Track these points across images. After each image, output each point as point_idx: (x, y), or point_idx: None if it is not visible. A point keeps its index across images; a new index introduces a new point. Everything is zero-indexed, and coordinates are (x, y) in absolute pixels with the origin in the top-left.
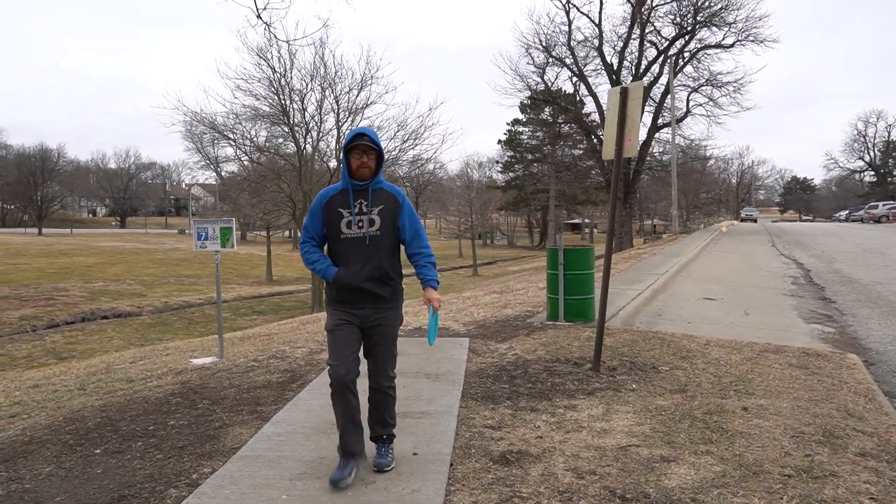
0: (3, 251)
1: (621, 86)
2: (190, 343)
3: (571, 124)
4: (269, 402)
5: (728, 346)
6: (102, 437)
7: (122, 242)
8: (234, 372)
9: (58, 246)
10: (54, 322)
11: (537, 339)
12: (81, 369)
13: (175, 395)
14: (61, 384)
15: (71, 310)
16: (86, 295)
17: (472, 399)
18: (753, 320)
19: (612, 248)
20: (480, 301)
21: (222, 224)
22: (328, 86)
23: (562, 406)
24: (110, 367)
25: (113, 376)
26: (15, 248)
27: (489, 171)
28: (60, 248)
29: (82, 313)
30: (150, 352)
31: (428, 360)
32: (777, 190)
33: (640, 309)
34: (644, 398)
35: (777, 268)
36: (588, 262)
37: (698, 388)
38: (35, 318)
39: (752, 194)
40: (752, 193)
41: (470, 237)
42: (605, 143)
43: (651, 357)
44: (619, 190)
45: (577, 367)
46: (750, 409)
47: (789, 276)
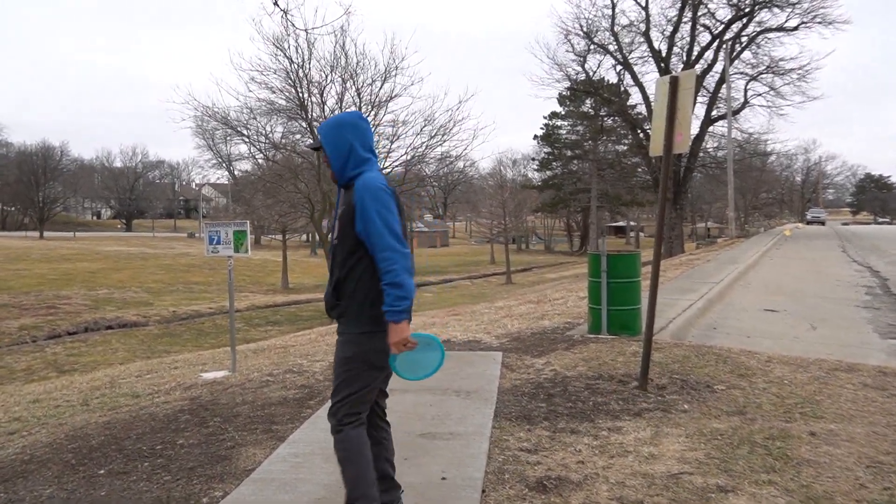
0: (3, 256)
1: (671, 74)
2: (200, 356)
3: (615, 117)
4: (285, 420)
5: (793, 363)
6: (106, 457)
7: (127, 247)
8: (247, 387)
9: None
10: (56, 332)
11: (578, 353)
12: (84, 383)
13: (184, 411)
14: (63, 399)
15: (73, 319)
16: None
17: (505, 419)
18: (822, 335)
19: (660, 254)
20: (515, 311)
21: (235, 227)
22: (349, 77)
23: (605, 428)
24: (115, 381)
25: (118, 391)
26: (15, 252)
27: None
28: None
29: (85, 323)
30: (157, 365)
31: (457, 375)
32: (848, 189)
33: (692, 321)
34: (697, 420)
35: (848, 276)
36: (634, 268)
37: (759, 409)
38: (35, 327)
39: (819, 194)
40: (820, 193)
41: (503, 241)
42: (652, 137)
43: (705, 375)
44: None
45: (621, 384)
46: (818, 434)
47: (863, 286)
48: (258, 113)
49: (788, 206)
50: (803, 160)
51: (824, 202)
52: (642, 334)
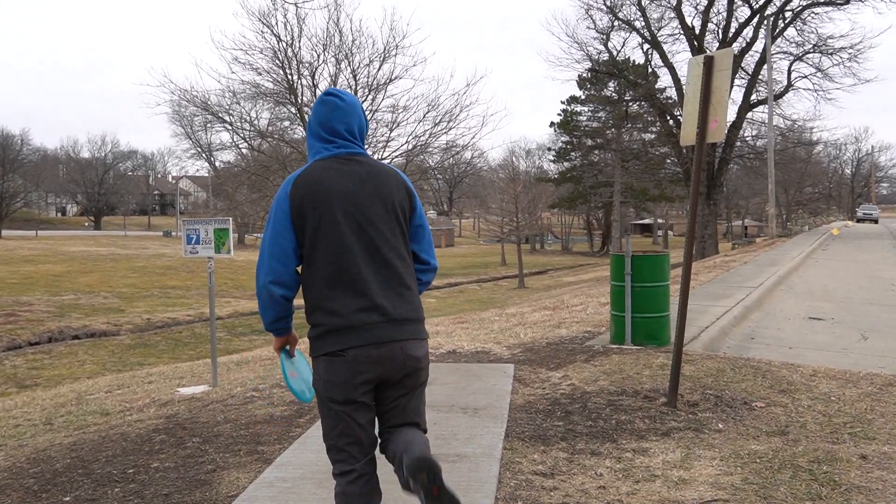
0: None
1: (705, 54)
2: (177, 368)
3: (641, 102)
4: (272, 440)
5: (841, 377)
6: (73, 482)
7: (96, 247)
8: (229, 404)
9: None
10: (16, 343)
11: (598, 366)
12: (48, 400)
13: (159, 431)
14: (24, 418)
15: (35, 328)
16: (53, 310)
17: (518, 439)
18: (874, 346)
19: (692, 255)
20: (528, 319)
21: (217, 225)
22: (344, 57)
23: (629, 449)
24: (82, 398)
25: (85, 408)
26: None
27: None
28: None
29: (49, 332)
30: (129, 379)
31: (464, 390)
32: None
33: (727, 330)
34: (733, 441)
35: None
36: (662, 271)
37: (803, 429)
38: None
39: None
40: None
41: (515, 241)
42: (683, 124)
43: (742, 390)
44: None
45: (648, 401)
46: (870, 457)
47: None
48: (242, 97)
49: (836, 201)
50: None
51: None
52: (671, 345)
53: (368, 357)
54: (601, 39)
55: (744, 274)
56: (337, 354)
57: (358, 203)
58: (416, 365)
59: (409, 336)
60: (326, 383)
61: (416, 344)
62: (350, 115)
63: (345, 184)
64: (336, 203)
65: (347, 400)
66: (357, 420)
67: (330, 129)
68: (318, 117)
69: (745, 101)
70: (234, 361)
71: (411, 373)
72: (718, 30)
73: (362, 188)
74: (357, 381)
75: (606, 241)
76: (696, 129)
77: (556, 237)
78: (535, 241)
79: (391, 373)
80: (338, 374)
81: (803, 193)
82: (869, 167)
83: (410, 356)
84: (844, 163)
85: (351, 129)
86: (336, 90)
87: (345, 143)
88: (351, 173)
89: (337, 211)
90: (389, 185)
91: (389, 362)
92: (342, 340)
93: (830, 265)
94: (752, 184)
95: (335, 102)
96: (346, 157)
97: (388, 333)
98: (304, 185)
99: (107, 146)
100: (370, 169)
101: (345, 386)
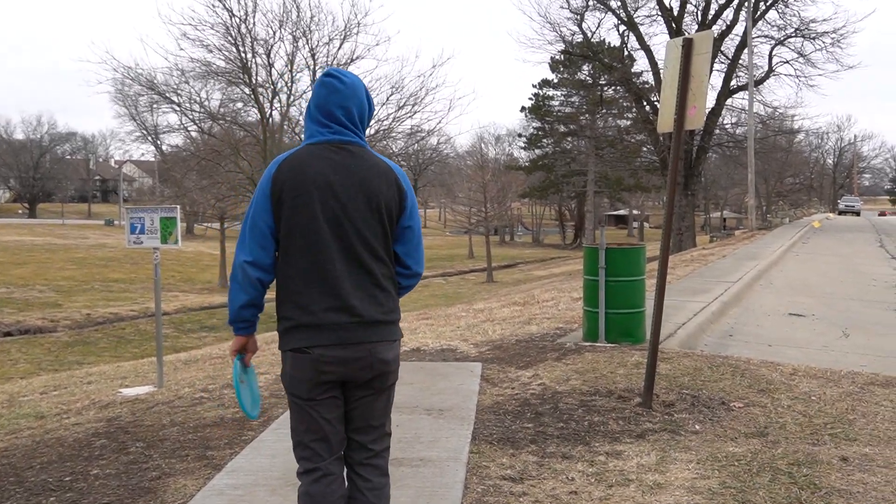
0: None
1: (684, 36)
2: (119, 368)
3: (617, 87)
4: (223, 444)
5: (821, 376)
6: (3, 491)
7: (31, 236)
8: (176, 406)
9: None
10: None
11: (570, 364)
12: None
13: (99, 435)
14: None
15: None
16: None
17: (485, 442)
18: (855, 343)
19: (668, 248)
20: (497, 315)
21: (163, 213)
22: (302, 35)
23: (602, 452)
24: (14, 400)
25: (18, 411)
26: None
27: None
28: None
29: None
30: (66, 379)
31: (428, 390)
32: (888, 174)
33: (704, 327)
34: (711, 443)
35: (887, 275)
36: (637, 265)
37: (782, 430)
38: None
39: (854, 179)
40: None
41: (484, 232)
42: (661, 111)
43: (720, 390)
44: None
45: (622, 401)
46: (851, 459)
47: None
48: (191, 76)
49: (818, 193)
50: (836, 140)
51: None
52: (646, 342)
53: (334, 357)
54: (575, 20)
55: (722, 268)
56: (302, 351)
57: (340, 196)
58: (385, 368)
59: (379, 338)
60: (291, 378)
61: (385, 346)
62: (349, 98)
63: (329, 174)
64: (316, 194)
65: (311, 397)
66: (323, 415)
67: (327, 112)
68: (317, 99)
69: (725, 86)
70: (181, 360)
71: (380, 375)
72: (698, 11)
73: (347, 181)
74: (321, 380)
75: (579, 232)
76: (674, 116)
77: (526, 228)
78: (504, 233)
79: (358, 374)
80: (302, 371)
81: (784, 184)
82: (851, 157)
83: (379, 359)
84: (826, 152)
85: (350, 113)
86: (337, 70)
87: (341, 129)
88: (339, 163)
89: (316, 202)
90: (378, 181)
91: (356, 363)
92: (309, 338)
93: (811, 259)
94: (731, 174)
95: (333, 84)
96: (339, 144)
97: (357, 335)
98: (288, 170)
99: (43, 127)
100: (360, 161)
101: (308, 383)
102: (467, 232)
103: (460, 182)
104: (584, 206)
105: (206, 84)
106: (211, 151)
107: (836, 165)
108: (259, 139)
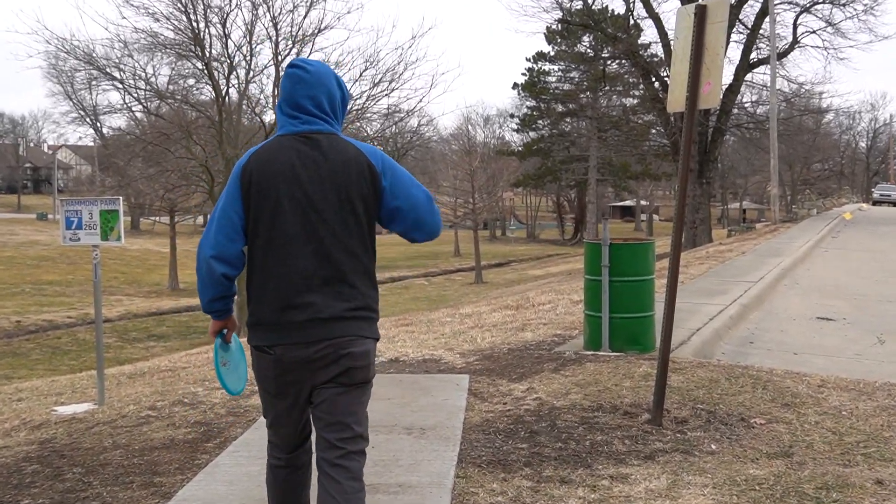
0: None
1: (696, 3)
2: (54, 383)
3: (622, 60)
4: (173, 469)
5: (853, 388)
6: None
7: None
8: (119, 426)
9: None
10: None
11: (570, 376)
12: None
13: (31, 459)
14: None
15: None
16: None
17: (473, 465)
18: (892, 351)
19: (681, 244)
20: (486, 320)
21: (104, 206)
22: (262, 1)
23: (606, 476)
24: None
25: None
26: None
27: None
28: None
29: None
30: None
31: (409, 406)
32: None
33: (722, 333)
34: (728, 465)
35: None
36: (646, 263)
37: (809, 450)
38: None
39: (890, 165)
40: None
41: (471, 227)
42: (671, 88)
43: (739, 404)
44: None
45: (628, 418)
46: (887, 482)
47: None
48: (135, 49)
49: (849, 180)
50: (869, 120)
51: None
52: (656, 351)
53: (296, 357)
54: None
55: (741, 266)
56: (263, 350)
57: (307, 189)
58: (351, 363)
59: (342, 334)
60: (258, 373)
61: (351, 341)
62: (315, 86)
63: (297, 166)
64: (283, 187)
65: (277, 393)
66: (288, 413)
67: (294, 103)
68: (283, 91)
69: (744, 60)
70: (125, 374)
71: (346, 371)
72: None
73: (315, 173)
74: (286, 380)
75: (580, 226)
76: (686, 94)
77: (520, 222)
78: (494, 227)
79: (323, 374)
80: (266, 370)
81: (811, 171)
82: (887, 140)
83: (344, 353)
84: (859, 134)
85: (319, 102)
86: (302, 60)
87: (310, 118)
88: (306, 155)
89: (283, 196)
90: (347, 171)
91: (319, 362)
92: (269, 336)
93: (842, 256)
94: (751, 159)
95: (298, 75)
96: (307, 134)
97: (318, 332)
98: (256, 163)
99: None
100: (329, 151)
101: (274, 381)
102: (453, 226)
103: (444, 169)
104: (586, 197)
105: (152, 58)
106: (159, 135)
107: (870, 149)
108: (214, 120)
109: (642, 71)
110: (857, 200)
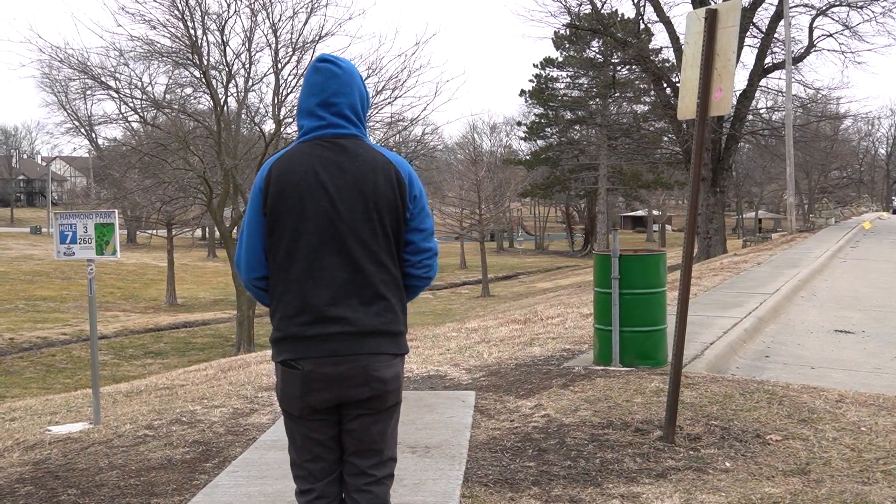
0: None
1: (708, 6)
2: (49, 402)
3: (632, 66)
4: (171, 490)
5: (872, 403)
6: None
7: None
8: (115, 445)
9: None
10: None
11: (579, 392)
12: None
13: (24, 481)
14: None
15: None
16: None
17: (480, 484)
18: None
19: (693, 255)
20: (493, 335)
21: (99, 219)
22: (261, 7)
23: (617, 495)
24: None
25: None
26: None
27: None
28: None
29: None
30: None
31: (413, 423)
32: None
33: (736, 347)
34: (743, 483)
35: None
36: (657, 275)
37: (827, 467)
38: None
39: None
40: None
41: (478, 238)
42: (681, 94)
43: (754, 420)
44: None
45: (640, 435)
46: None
47: None
48: (131, 57)
49: (868, 188)
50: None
51: None
52: (668, 365)
53: (325, 375)
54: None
55: (757, 277)
56: (291, 365)
57: (332, 197)
58: (382, 388)
59: (374, 350)
60: (282, 394)
61: (383, 362)
62: (349, 85)
63: (321, 173)
64: (308, 196)
65: (303, 416)
66: (316, 436)
67: (322, 102)
68: (312, 89)
69: (759, 65)
70: (122, 392)
71: (378, 396)
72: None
73: (341, 180)
74: (313, 399)
75: (590, 237)
76: (697, 100)
77: (528, 233)
78: (502, 239)
79: (352, 393)
80: (292, 387)
81: (829, 179)
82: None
83: (375, 377)
84: (878, 141)
85: (352, 103)
86: (331, 56)
87: (338, 120)
88: (331, 161)
89: (308, 205)
90: (375, 179)
91: (349, 381)
92: (297, 350)
93: (861, 267)
94: (766, 167)
95: (331, 70)
96: (332, 139)
97: (348, 347)
98: (278, 173)
99: None
100: (355, 157)
101: (300, 401)
102: (458, 238)
103: (450, 179)
104: (596, 207)
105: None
106: (155, 146)
107: (890, 156)
108: (212, 130)
109: (653, 76)
110: (876, 209)
